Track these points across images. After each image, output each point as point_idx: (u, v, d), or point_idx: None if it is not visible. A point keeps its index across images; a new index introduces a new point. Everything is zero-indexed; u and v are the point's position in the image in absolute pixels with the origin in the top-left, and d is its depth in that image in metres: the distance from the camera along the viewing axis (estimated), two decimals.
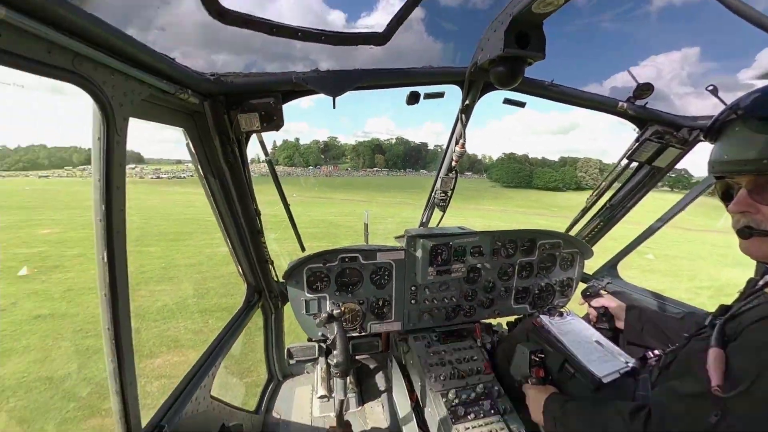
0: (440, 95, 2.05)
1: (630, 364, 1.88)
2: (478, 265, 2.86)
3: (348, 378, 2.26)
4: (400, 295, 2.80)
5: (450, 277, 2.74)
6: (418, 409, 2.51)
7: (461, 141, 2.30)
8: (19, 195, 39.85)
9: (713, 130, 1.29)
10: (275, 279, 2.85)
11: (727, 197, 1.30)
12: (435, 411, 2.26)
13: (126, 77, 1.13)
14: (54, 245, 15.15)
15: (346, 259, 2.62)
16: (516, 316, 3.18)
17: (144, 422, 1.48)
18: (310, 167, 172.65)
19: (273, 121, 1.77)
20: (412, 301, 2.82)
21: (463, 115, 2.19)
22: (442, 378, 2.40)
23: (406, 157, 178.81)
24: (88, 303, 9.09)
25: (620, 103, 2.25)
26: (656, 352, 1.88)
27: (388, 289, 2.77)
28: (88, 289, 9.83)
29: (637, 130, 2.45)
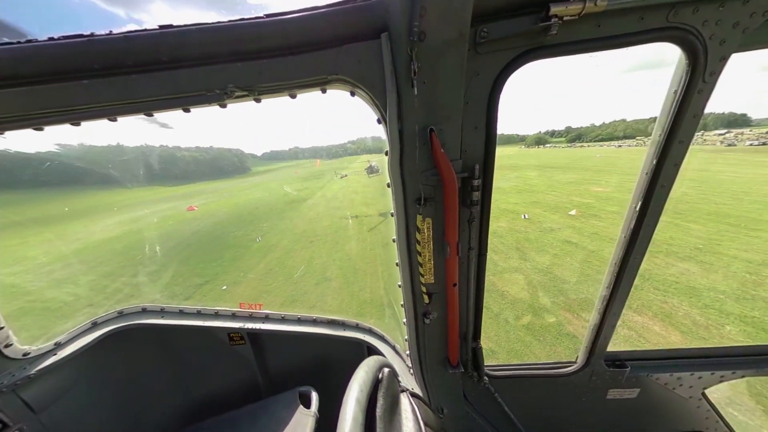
0: None
1: None
2: None
3: None
4: None
5: None
6: None
7: None
8: (590, 160, 48.42)
9: None
10: None
11: None
12: None
13: (744, 1, 0.93)
14: (600, 200, 17.13)
15: None
16: None
17: (607, 349, 1.64)
18: None
19: None
20: None
21: None
22: None
23: None
24: (604, 247, 10.09)
25: None
26: None
27: None
28: (609, 238, 10.58)
29: None
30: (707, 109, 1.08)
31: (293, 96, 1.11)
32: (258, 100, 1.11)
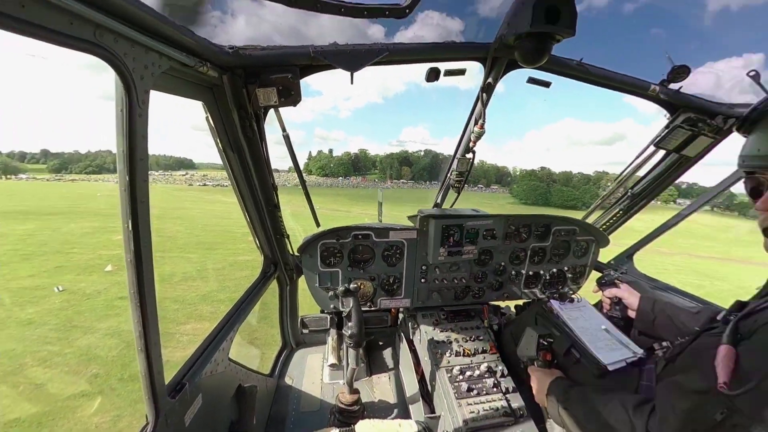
0: (461, 72, 1.94)
1: (637, 354, 1.82)
2: (490, 248, 2.80)
3: (360, 349, 2.25)
4: (410, 273, 2.77)
5: (461, 259, 2.67)
6: (423, 382, 2.52)
7: (480, 121, 2.13)
8: (94, 200, 46.37)
9: (749, 119, 1.19)
10: (291, 252, 2.80)
11: (755, 194, 1.19)
12: (439, 385, 2.25)
13: (146, 50, 1.11)
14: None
15: (359, 236, 2.57)
16: (525, 300, 3.14)
17: (167, 380, 1.53)
18: (340, 177, 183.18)
19: (290, 96, 1.70)
20: (422, 280, 2.79)
21: (484, 94, 2.02)
22: (447, 354, 2.39)
23: (432, 169, 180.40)
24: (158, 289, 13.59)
25: (652, 86, 2.07)
26: (664, 343, 1.84)
27: (399, 267, 2.74)
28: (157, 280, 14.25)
29: (668, 116, 2.26)
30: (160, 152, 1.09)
31: None
32: None
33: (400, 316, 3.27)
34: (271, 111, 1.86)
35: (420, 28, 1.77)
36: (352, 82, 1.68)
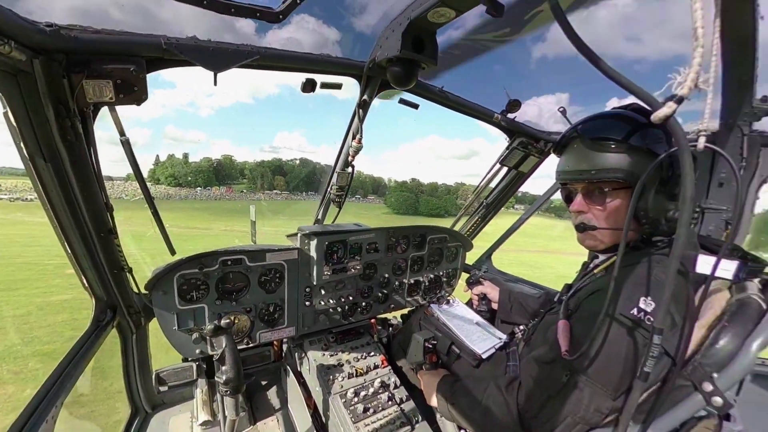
0: (338, 86, 2.00)
1: (503, 340, 2.14)
2: (374, 262, 2.81)
3: (239, 396, 2.01)
4: (293, 297, 2.57)
5: (346, 275, 2.62)
6: (317, 416, 2.43)
7: (358, 136, 2.25)
8: None
9: (560, 144, 1.53)
10: (135, 290, 2.39)
11: (569, 200, 1.56)
12: (335, 414, 2.20)
13: None
14: None
15: (229, 263, 2.28)
16: (409, 309, 3.24)
17: None
18: (199, 188, 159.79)
19: (133, 92, 1.47)
20: (307, 303, 2.63)
21: (360, 110, 2.15)
22: (340, 379, 2.36)
23: (310, 180, 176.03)
24: None
25: (495, 115, 2.50)
26: (521, 327, 2.18)
27: (280, 293, 2.50)
28: None
29: (508, 139, 2.78)
30: None
31: None
32: None
33: (285, 347, 3.05)
34: (105, 109, 1.53)
35: (296, 31, 1.72)
36: (215, 84, 1.52)
